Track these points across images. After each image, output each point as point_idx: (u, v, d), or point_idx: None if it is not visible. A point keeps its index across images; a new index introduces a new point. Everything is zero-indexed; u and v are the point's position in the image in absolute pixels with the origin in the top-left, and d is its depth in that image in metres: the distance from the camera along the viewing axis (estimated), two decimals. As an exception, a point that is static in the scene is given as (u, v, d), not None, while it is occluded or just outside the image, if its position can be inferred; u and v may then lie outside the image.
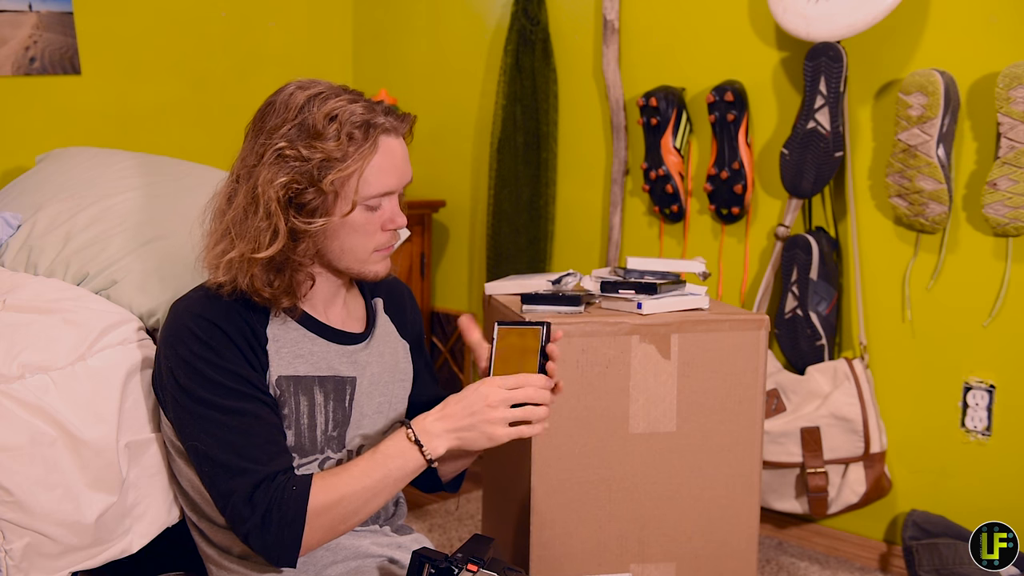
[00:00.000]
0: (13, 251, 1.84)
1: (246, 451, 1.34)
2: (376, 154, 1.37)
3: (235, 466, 1.33)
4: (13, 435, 1.41)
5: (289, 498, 1.32)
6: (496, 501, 2.07)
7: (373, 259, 1.44)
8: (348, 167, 1.35)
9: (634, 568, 1.80)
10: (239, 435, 1.35)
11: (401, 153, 1.42)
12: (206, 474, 1.37)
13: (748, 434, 1.81)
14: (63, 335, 1.53)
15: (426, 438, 1.35)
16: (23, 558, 1.42)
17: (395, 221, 1.43)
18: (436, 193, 3.29)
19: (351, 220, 1.39)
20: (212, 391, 1.36)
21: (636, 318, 1.76)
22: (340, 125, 1.35)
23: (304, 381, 1.44)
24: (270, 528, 1.32)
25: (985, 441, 2.33)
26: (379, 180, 1.39)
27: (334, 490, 1.33)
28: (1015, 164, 2.15)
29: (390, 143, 1.40)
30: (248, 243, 1.36)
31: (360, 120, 1.36)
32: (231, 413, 1.35)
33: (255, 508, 1.32)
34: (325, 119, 1.35)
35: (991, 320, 2.29)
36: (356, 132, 1.36)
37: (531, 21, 2.94)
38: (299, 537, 1.32)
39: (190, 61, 2.98)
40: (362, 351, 1.52)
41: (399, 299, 1.64)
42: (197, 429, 1.37)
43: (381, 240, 1.43)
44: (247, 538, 1.34)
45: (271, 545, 1.32)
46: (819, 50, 2.37)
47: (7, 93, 2.58)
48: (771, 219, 2.61)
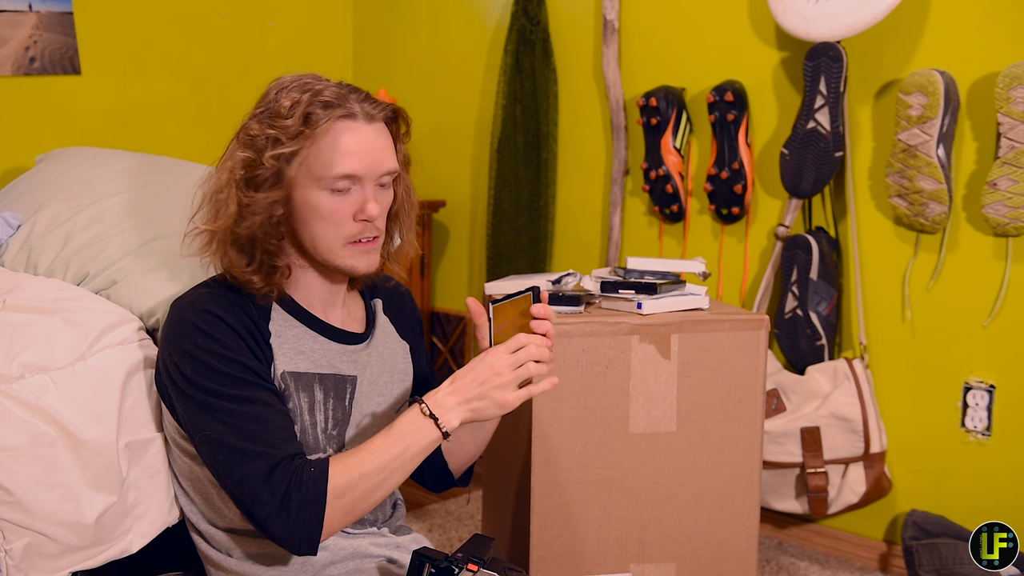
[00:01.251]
0: (13, 251, 1.84)
1: (260, 436, 1.33)
2: (329, 134, 1.37)
3: (250, 450, 1.32)
4: (13, 435, 1.41)
5: (309, 479, 1.31)
6: (496, 501, 2.07)
7: (347, 251, 1.42)
8: (295, 144, 1.36)
9: (634, 568, 1.80)
10: (251, 421, 1.34)
11: (370, 139, 1.40)
12: (220, 463, 1.35)
13: (748, 434, 1.81)
14: (63, 335, 1.53)
15: (440, 411, 1.36)
16: (23, 558, 1.42)
17: (365, 211, 1.40)
18: (436, 193, 3.29)
19: (313, 203, 1.39)
20: (220, 381, 1.35)
21: (636, 318, 1.76)
22: (300, 106, 1.36)
23: (305, 378, 1.44)
24: (290, 511, 1.30)
25: (985, 441, 2.33)
26: (338, 162, 1.37)
27: (354, 468, 1.33)
28: (1015, 164, 2.15)
29: (352, 126, 1.38)
30: (209, 217, 1.42)
31: (321, 101, 1.37)
32: (241, 401, 1.35)
33: (274, 491, 1.30)
34: (291, 102, 1.37)
35: (991, 320, 2.29)
36: (314, 112, 1.36)
37: (531, 21, 2.94)
38: (321, 518, 1.31)
39: (190, 61, 2.98)
40: (362, 351, 1.52)
41: (398, 301, 1.65)
42: (208, 419, 1.36)
43: (352, 230, 1.41)
44: (267, 523, 1.31)
45: (292, 529, 1.31)
46: (819, 50, 2.37)
47: (7, 93, 2.58)
48: (771, 219, 2.61)
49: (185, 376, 1.38)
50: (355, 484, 1.32)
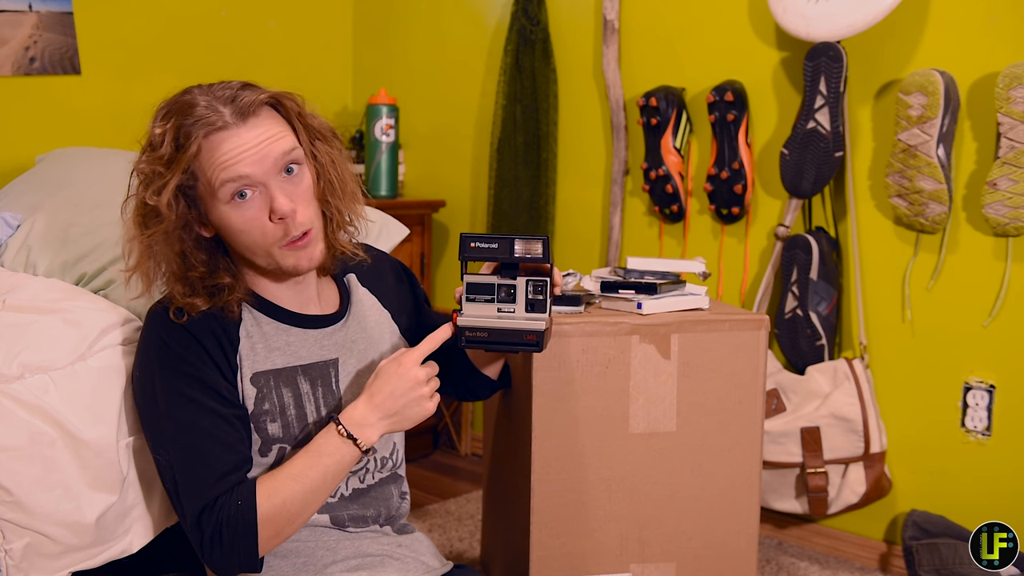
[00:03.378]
0: (13, 251, 1.84)
1: (197, 471, 1.35)
2: (204, 151, 1.33)
3: (185, 487, 1.35)
4: (13, 435, 1.41)
5: (237, 513, 1.33)
6: (496, 501, 2.07)
7: (284, 253, 1.39)
8: (171, 173, 1.34)
9: (634, 568, 1.80)
10: (192, 453, 1.35)
11: (247, 138, 1.34)
12: (166, 488, 1.41)
13: (748, 434, 1.81)
14: (63, 335, 1.53)
15: (358, 431, 1.38)
16: (23, 558, 1.42)
17: (276, 209, 1.35)
18: (436, 193, 3.29)
19: (224, 221, 1.37)
20: (172, 402, 1.37)
21: (636, 318, 1.76)
22: (170, 132, 1.34)
23: (285, 373, 1.44)
24: (223, 547, 1.33)
25: (985, 441, 2.33)
26: (220, 173, 1.33)
27: (276, 494, 1.34)
28: (1015, 164, 2.15)
29: (224, 135, 1.33)
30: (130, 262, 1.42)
31: (189, 122, 1.33)
32: (187, 429, 1.36)
33: (204, 531, 1.33)
34: (161, 130, 1.35)
35: (991, 320, 2.29)
36: (183, 134, 1.34)
37: (531, 21, 2.94)
38: (254, 547, 1.34)
39: (190, 61, 2.98)
40: (339, 331, 1.52)
41: (378, 269, 1.63)
42: (158, 441, 1.39)
43: (276, 233, 1.37)
44: (205, 558, 1.35)
45: (229, 563, 1.34)
46: (819, 50, 2.37)
47: (7, 93, 2.58)
48: (771, 219, 2.61)
49: (144, 390, 1.41)
50: (279, 511, 1.34)
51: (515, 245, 1.44)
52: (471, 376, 1.69)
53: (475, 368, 1.68)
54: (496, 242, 1.45)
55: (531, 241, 1.45)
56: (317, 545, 1.46)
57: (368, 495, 1.52)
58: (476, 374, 1.69)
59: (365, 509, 1.51)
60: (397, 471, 1.58)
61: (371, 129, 3.10)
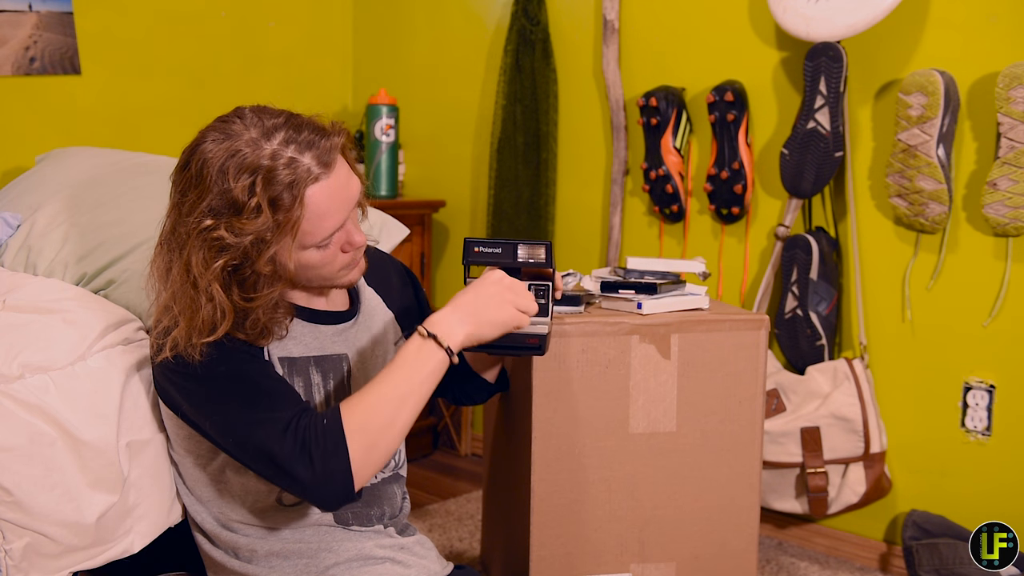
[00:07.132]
0: (13, 251, 1.84)
1: (266, 405, 1.32)
2: (300, 207, 1.29)
3: (259, 419, 1.30)
4: (13, 435, 1.41)
5: (324, 429, 1.29)
6: (496, 501, 2.07)
7: (342, 274, 1.43)
8: (280, 238, 1.30)
9: (634, 568, 1.80)
10: (256, 394, 1.33)
11: (336, 187, 1.33)
12: (235, 441, 1.33)
13: (748, 434, 1.81)
14: (63, 335, 1.53)
15: (438, 328, 1.34)
16: (23, 558, 1.42)
17: (352, 243, 1.39)
18: (436, 193, 3.29)
19: (304, 262, 1.36)
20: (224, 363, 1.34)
21: (636, 318, 1.76)
22: (262, 193, 1.27)
23: (299, 362, 1.45)
24: (314, 464, 1.28)
25: (985, 441, 2.33)
26: (320, 228, 1.33)
27: (362, 402, 1.31)
28: (1015, 164, 2.15)
29: (321, 188, 1.31)
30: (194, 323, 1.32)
31: (283, 182, 1.28)
32: (244, 379, 1.34)
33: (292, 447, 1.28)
34: (244, 190, 1.27)
35: (991, 320, 2.29)
36: (280, 196, 1.28)
37: (531, 21, 2.94)
38: (346, 462, 1.28)
39: (190, 61, 2.98)
40: (351, 328, 1.53)
41: (382, 270, 1.65)
42: (216, 403, 1.34)
43: (344, 260, 1.41)
44: (301, 486, 1.29)
45: (322, 481, 1.28)
46: (819, 50, 2.37)
47: (7, 93, 2.58)
48: (771, 219, 2.61)
49: (187, 370, 1.36)
50: (369, 417, 1.30)
51: (518, 250, 1.45)
52: (469, 380, 1.70)
53: (473, 372, 1.69)
54: (500, 247, 1.46)
55: (534, 246, 1.45)
56: (320, 546, 1.47)
57: (373, 494, 1.53)
58: (474, 378, 1.69)
59: (369, 507, 1.52)
60: (399, 471, 1.59)
61: (371, 129, 3.11)
